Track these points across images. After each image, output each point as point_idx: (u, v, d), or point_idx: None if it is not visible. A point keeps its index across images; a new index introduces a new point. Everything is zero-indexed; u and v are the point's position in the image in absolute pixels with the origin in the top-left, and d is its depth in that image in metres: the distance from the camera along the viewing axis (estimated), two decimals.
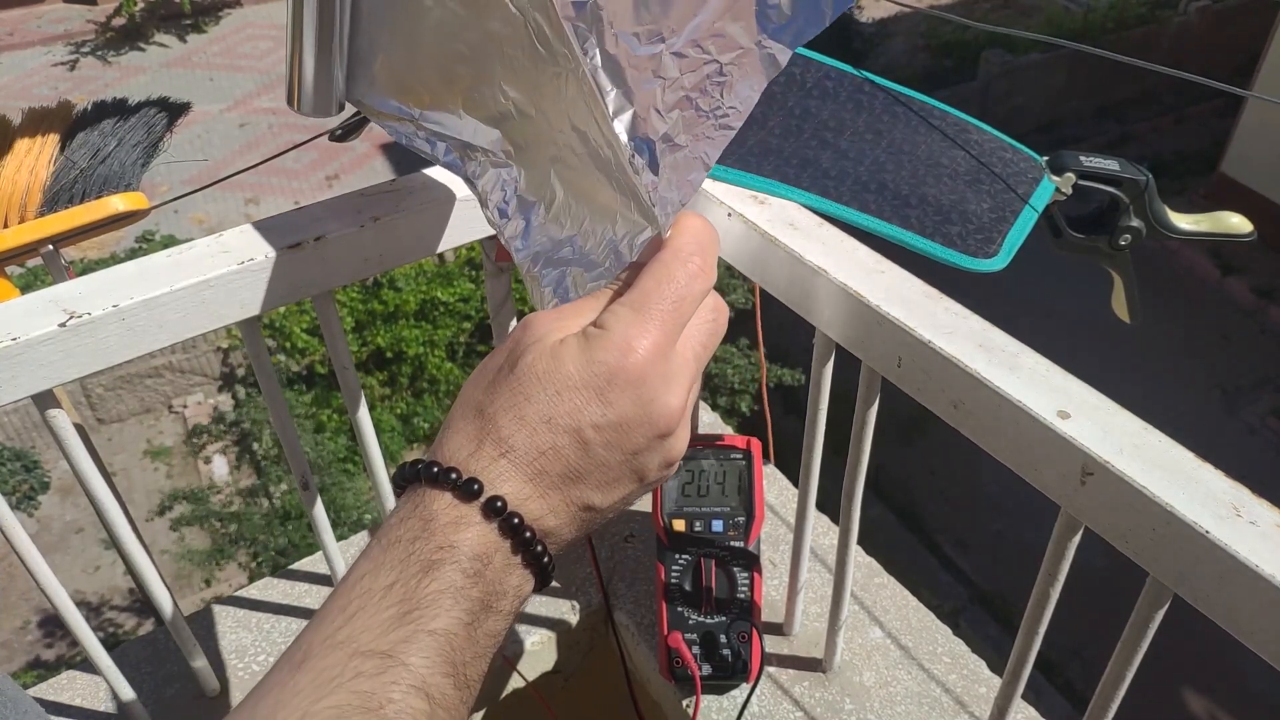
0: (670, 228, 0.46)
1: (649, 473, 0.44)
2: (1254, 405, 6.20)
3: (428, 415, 5.63)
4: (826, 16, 0.46)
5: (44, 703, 0.94)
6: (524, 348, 0.42)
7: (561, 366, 0.41)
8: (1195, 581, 0.50)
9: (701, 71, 0.47)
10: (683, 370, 0.43)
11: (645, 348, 0.41)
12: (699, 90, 0.47)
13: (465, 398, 0.43)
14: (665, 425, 0.42)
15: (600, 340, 0.41)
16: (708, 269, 0.44)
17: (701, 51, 0.47)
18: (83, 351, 0.66)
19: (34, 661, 4.83)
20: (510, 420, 0.41)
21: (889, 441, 4.81)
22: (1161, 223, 0.74)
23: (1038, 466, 0.56)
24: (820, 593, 0.98)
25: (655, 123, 0.46)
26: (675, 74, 0.47)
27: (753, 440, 0.93)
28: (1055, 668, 4.78)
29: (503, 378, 0.42)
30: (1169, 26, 8.59)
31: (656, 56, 0.47)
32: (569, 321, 0.43)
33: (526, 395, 0.41)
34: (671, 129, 0.47)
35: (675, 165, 0.46)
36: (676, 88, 0.47)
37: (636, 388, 0.41)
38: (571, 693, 1.06)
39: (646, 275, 0.43)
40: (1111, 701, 0.62)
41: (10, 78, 8.72)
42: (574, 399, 0.41)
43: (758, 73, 0.47)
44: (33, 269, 4.88)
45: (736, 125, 0.47)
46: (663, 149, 0.46)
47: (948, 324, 0.61)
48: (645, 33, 0.47)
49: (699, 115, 0.47)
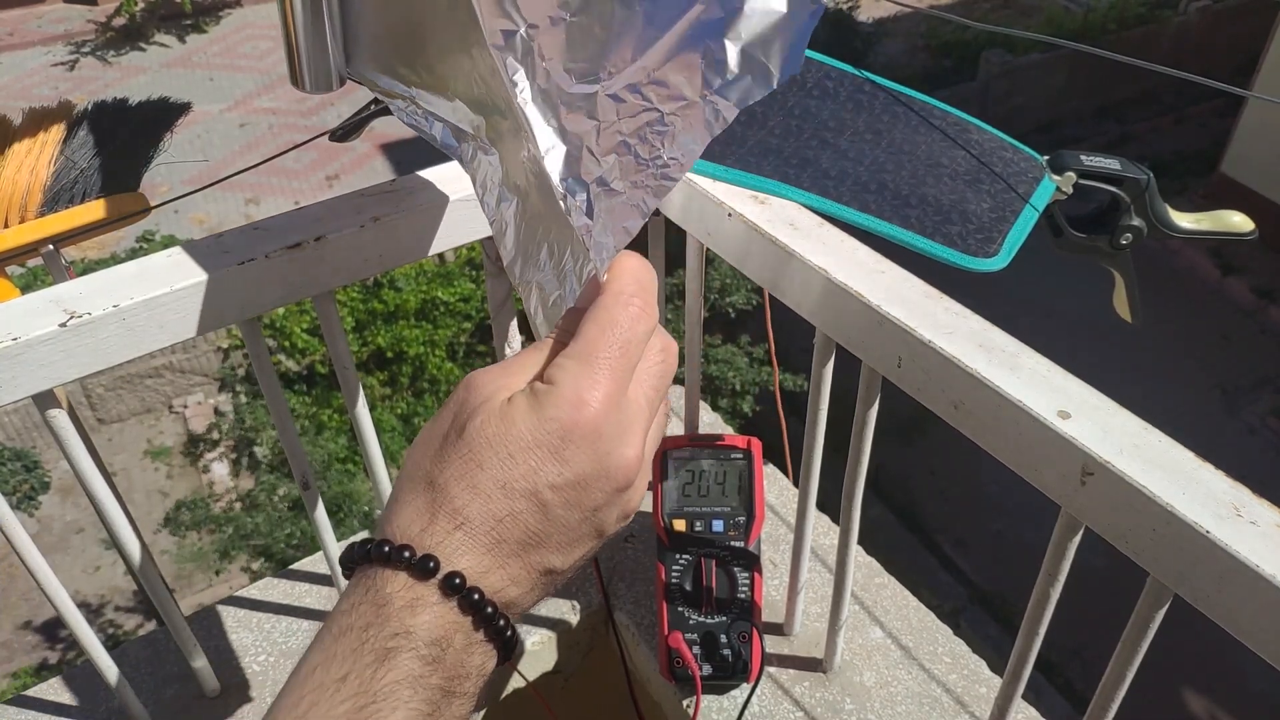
0: (607, 270, 0.44)
1: (608, 527, 0.42)
2: (1254, 405, 6.20)
3: (428, 415, 5.61)
4: (774, 78, 0.44)
5: (44, 703, 0.94)
6: (471, 410, 0.40)
7: (512, 428, 0.39)
8: (1195, 581, 0.50)
9: (640, 118, 0.45)
10: (637, 418, 0.42)
11: (597, 400, 0.39)
12: (638, 137, 0.45)
13: (412, 467, 0.41)
14: (624, 478, 0.41)
15: (550, 396, 0.39)
16: (649, 309, 0.43)
17: (641, 98, 0.45)
18: (83, 351, 0.66)
19: (34, 662, 4.83)
20: (463, 489, 0.39)
21: (889, 441, 4.82)
22: (1162, 222, 0.74)
23: (1038, 466, 0.56)
24: (820, 593, 0.98)
25: (589, 164, 0.45)
26: (612, 117, 0.45)
27: (753, 440, 0.93)
28: (1055, 668, 4.78)
29: (451, 444, 0.40)
30: (1169, 26, 8.59)
31: (591, 97, 0.45)
32: (514, 378, 0.41)
33: (478, 461, 0.39)
34: (608, 173, 0.45)
35: (611, 211, 0.44)
36: (613, 131, 0.45)
37: (592, 443, 0.39)
38: (572, 693, 1.06)
39: (589, 322, 0.41)
40: (1112, 701, 0.62)
41: (10, 78, 8.72)
42: (529, 460, 0.39)
43: (701, 127, 0.45)
44: (33, 269, 4.88)
45: (678, 176, 0.45)
46: (598, 192, 0.45)
47: (948, 324, 0.61)
48: (579, 70, 0.45)
49: (638, 163, 0.45)
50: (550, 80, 0.45)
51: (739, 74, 0.44)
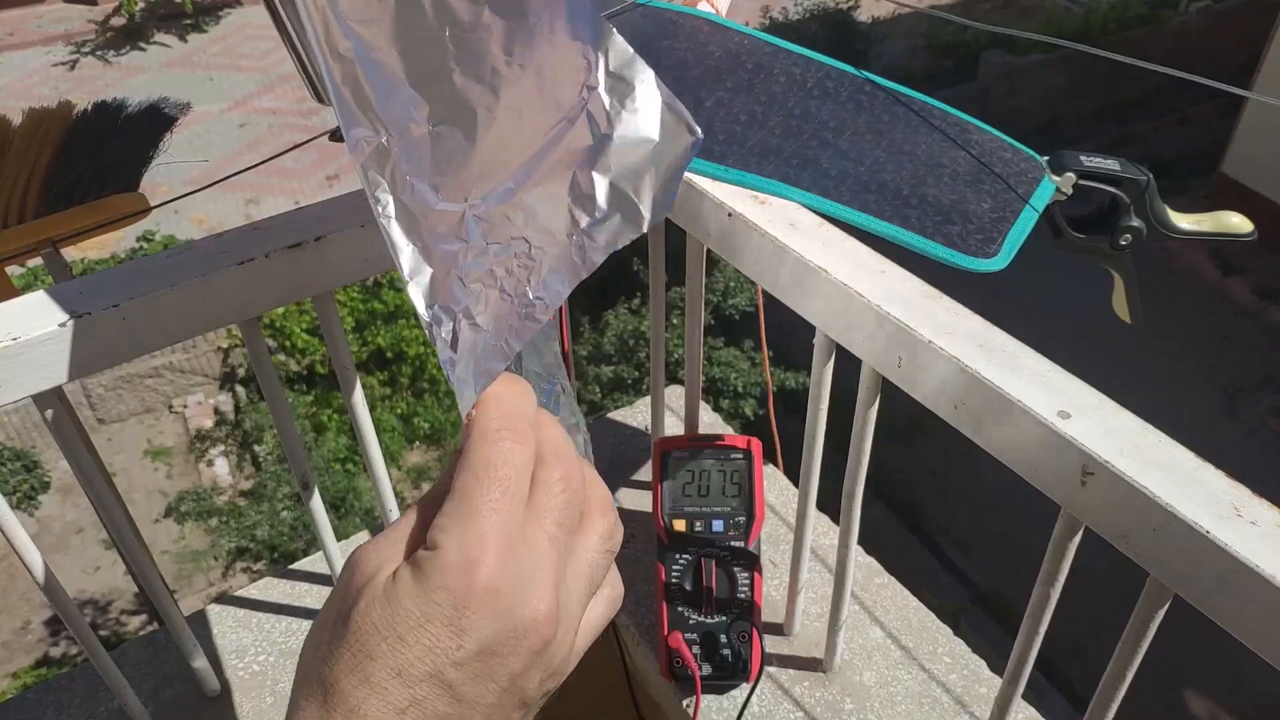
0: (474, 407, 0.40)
1: (532, 694, 0.38)
2: (1254, 405, 6.19)
3: (428, 415, 5.63)
4: (644, 221, 0.41)
5: (44, 703, 0.94)
6: (354, 594, 0.36)
7: (399, 607, 0.35)
8: (1195, 581, 0.50)
9: (510, 247, 0.41)
10: (541, 563, 0.37)
11: (487, 556, 0.35)
12: (504, 268, 0.41)
13: (303, 668, 0.37)
14: (538, 636, 0.37)
15: (435, 564, 0.35)
16: (523, 439, 0.39)
17: (509, 224, 0.41)
18: (83, 351, 0.66)
19: (34, 661, 4.83)
20: (356, 684, 0.35)
21: (889, 441, 4.82)
22: (1162, 223, 0.74)
23: (1038, 466, 0.56)
24: (820, 593, 0.98)
25: (457, 292, 0.40)
26: (480, 242, 0.41)
27: (753, 440, 0.93)
28: (1055, 668, 4.78)
29: (338, 636, 0.36)
30: (1169, 26, 8.59)
31: (457, 217, 0.41)
32: (395, 549, 0.38)
33: (368, 651, 0.35)
34: (474, 304, 0.40)
35: (474, 348, 0.40)
36: (480, 258, 0.41)
37: (491, 605, 0.35)
38: (571, 693, 1.05)
39: (461, 471, 0.38)
40: (1112, 701, 0.62)
41: (10, 78, 8.72)
42: (422, 640, 0.35)
43: (567, 267, 0.41)
44: (33, 269, 4.89)
45: (543, 319, 0.41)
46: (464, 325, 0.40)
47: (948, 324, 0.61)
48: (445, 187, 0.41)
49: (502, 296, 0.41)
50: (414, 195, 0.40)
51: (607, 211, 0.41)
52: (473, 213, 0.41)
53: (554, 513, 0.39)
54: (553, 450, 0.40)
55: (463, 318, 0.40)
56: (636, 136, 0.41)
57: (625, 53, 0.42)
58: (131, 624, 4.94)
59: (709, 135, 0.76)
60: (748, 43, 0.85)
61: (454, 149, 0.41)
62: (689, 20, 0.88)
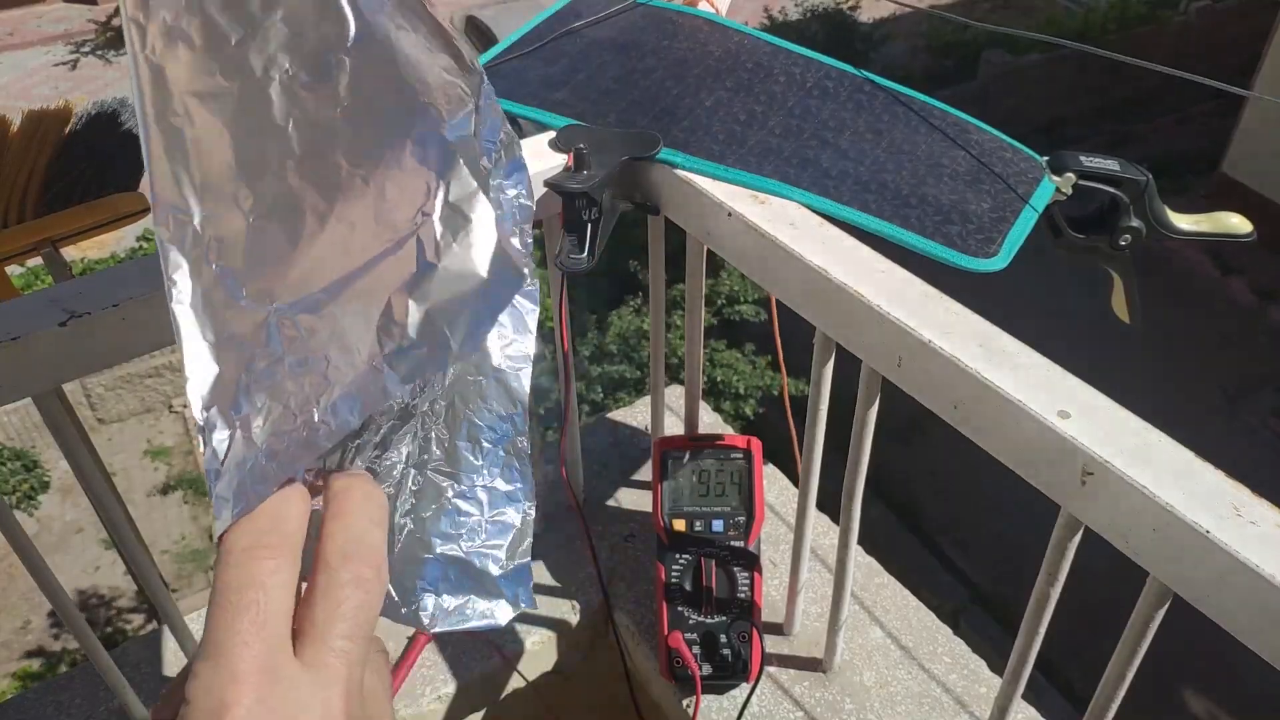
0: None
1: None
2: (1254, 405, 6.19)
3: None
4: (449, 358, 0.39)
5: (44, 702, 0.94)
6: None
7: None
8: (1195, 581, 0.50)
9: (307, 363, 0.37)
10: (324, 685, 0.33)
11: (243, 698, 0.31)
12: (297, 383, 0.37)
13: None
14: None
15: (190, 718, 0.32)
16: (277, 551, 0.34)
17: (313, 335, 0.38)
18: (83, 351, 0.66)
19: (34, 662, 4.83)
20: None
21: (889, 441, 4.82)
22: (1161, 223, 0.74)
23: (1038, 466, 0.56)
24: (820, 592, 0.98)
25: (240, 400, 0.37)
26: (278, 350, 0.37)
27: (753, 440, 0.93)
28: (1055, 668, 4.78)
29: None
30: (1170, 26, 8.59)
31: (260, 319, 0.37)
32: (167, 711, 0.34)
33: None
34: (255, 415, 0.37)
35: (241, 465, 0.36)
36: (275, 367, 0.37)
37: None
38: (572, 693, 1.05)
39: (210, 604, 0.34)
40: (1112, 701, 0.62)
41: (11, 77, 8.72)
42: None
43: (362, 393, 0.37)
44: (33, 269, 4.89)
45: (325, 445, 0.37)
46: (239, 437, 0.36)
47: (947, 323, 0.61)
48: (253, 283, 0.37)
49: (287, 414, 0.37)
50: (218, 286, 0.37)
51: (416, 342, 0.38)
52: (277, 318, 0.37)
53: (342, 623, 0.34)
54: (340, 550, 0.35)
55: (239, 429, 0.36)
56: (462, 270, 0.39)
57: (469, 185, 0.40)
58: (131, 624, 4.94)
59: (709, 135, 0.76)
60: (747, 42, 0.85)
61: (271, 247, 0.38)
62: (689, 20, 0.88)
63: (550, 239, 0.84)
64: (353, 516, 0.36)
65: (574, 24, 0.85)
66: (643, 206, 0.79)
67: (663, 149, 0.73)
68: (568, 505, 1.06)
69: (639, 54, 0.84)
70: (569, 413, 0.93)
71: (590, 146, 0.70)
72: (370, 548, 0.36)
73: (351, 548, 0.36)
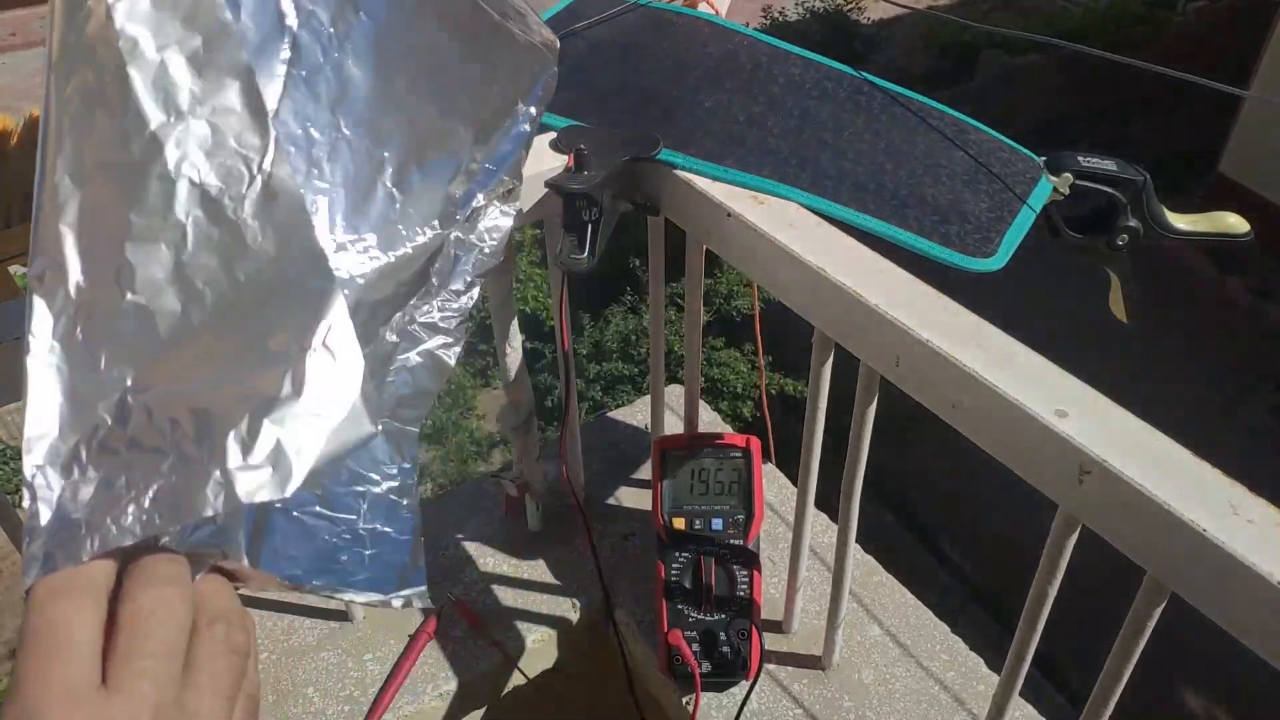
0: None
1: None
2: (1254, 405, 6.20)
3: (428, 414, 5.62)
4: (289, 486, 0.37)
5: None
6: None
7: None
8: (1193, 579, 0.50)
9: (150, 455, 0.36)
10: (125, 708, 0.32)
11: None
12: (133, 466, 0.36)
13: None
14: None
15: None
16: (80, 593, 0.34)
17: (165, 427, 0.37)
18: None
19: None
20: None
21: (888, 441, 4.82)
22: (1159, 223, 0.74)
23: (1035, 465, 0.57)
24: (819, 590, 0.99)
25: (75, 471, 0.36)
26: (123, 433, 0.36)
27: (752, 439, 0.93)
28: (1054, 666, 4.79)
29: None
30: (1168, 27, 8.59)
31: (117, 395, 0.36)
32: None
33: None
34: (84, 485, 0.36)
35: (57, 534, 0.35)
36: (118, 444, 0.36)
37: None
38: (572, 690, 1.06)
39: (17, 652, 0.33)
40: (1109, 698, 0.62)
41: (13, 78, 8.72)
42: None
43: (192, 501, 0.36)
44: None
45: (139, 535, 0.36)
46: (67, 503, 0.35)
47: (945, 323, 0.62)
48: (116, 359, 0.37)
49: (113, 498, 0.36)
50: (80, 351, 0.36)
51: (262, 463, 0.37)
52: (133, 398, 0.37)
53: (147, 641, 0.34)
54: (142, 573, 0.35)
55: (68, 495, 0.35)
56: (321, 409, 0.39)
57: (345, 329, 0.40)
58: None
59: (709, 136, 0.76)
60: (747, 43, 0.86)
61: (142, 333, 0.37)
62: (689, 21, 0.89)
63: (551, 238, 0.84)
64: (149, 556, 0.36)
65: (575, 25, 0.86)
66: (643, 207, 0.79)
67: (663, 149, 0.74)
68: (568, 504, 1.06)
69: (639, 55, 0.84)
70: (569, 412, 0.93)
71: (591, 147, 0.71)
72: (167, 576, 0.36)
73: (149, 572, 0.35)
